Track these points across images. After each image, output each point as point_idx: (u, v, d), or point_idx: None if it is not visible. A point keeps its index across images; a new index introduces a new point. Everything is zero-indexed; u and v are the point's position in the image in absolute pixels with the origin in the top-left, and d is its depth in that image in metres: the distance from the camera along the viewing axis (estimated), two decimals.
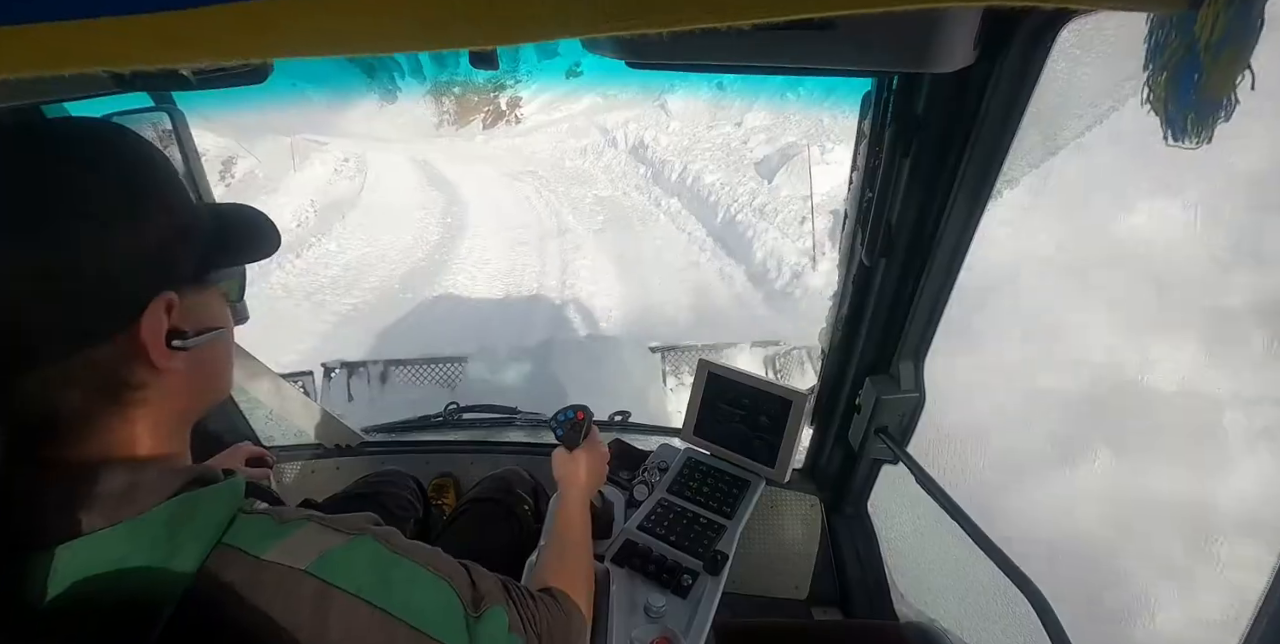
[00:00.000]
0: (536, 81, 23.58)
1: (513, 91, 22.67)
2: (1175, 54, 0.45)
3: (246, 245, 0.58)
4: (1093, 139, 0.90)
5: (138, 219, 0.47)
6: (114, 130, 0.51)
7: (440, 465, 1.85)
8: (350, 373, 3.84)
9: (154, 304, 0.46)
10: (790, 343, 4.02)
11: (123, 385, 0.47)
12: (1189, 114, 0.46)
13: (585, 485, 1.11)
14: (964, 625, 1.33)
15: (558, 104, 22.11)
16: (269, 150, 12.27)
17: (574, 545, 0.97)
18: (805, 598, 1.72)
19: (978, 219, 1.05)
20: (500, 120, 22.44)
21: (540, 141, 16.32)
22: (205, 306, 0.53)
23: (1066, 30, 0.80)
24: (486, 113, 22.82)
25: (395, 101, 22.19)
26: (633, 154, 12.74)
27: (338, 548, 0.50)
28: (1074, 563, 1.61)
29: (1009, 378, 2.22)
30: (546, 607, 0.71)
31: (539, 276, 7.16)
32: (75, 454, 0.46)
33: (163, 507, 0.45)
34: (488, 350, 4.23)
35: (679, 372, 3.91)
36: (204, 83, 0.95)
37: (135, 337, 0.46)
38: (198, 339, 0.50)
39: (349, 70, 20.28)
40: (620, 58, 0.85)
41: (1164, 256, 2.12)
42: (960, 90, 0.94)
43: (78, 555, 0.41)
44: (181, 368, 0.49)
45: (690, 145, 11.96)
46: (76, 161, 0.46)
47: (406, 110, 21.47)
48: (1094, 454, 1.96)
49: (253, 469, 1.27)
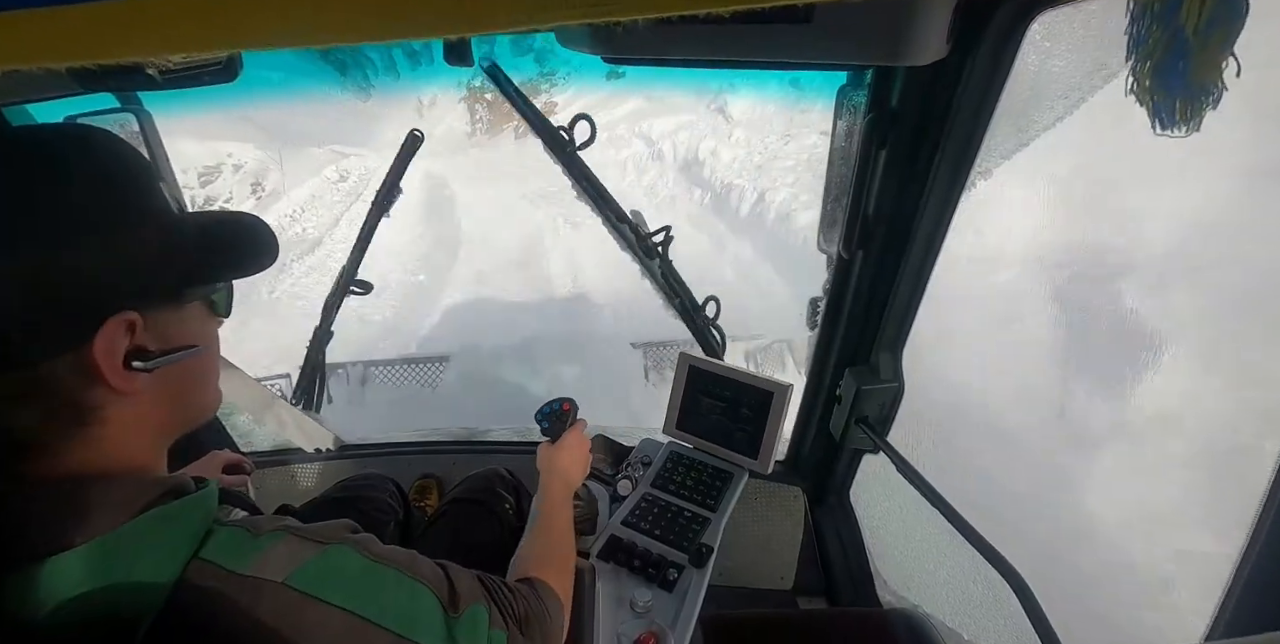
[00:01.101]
0: (574, 84, 21.53)
1: (548, 96, 20.61)
2: (1159, 43, 0.45)
3: (235, 260, 0.55)
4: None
5: (113, 233, 0.45)
6: (100, 139, 0.48)
7: (422, 466, 1.84)
8: (329, 375, 3.78)
9: (110, 324, 0.44)
10: (769, 336, 4.05)
11: (78, 407, 0.45)
12: (1176, 101, 0.46)
13: (568, 475, 1.11)
14: (947, 610, 1.36)
15: (596, 110, 20.33)
16: (299, 161, 11.56)
17: (555, 534, 0.97)
18: (790, 588, 1.74)
19: (953, 210, 1.06)
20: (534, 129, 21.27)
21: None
22: (180, 324, 0.51)
23: (1037, 23, 0.81)
24: (519, 121, 21.73)
25: (369, 99, 21.33)
26: (684, 172, 10.00)
27: (314, 559, 0.50)
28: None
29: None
30: (524, 597, 0.71)
31: (523, 277, 7.07)
32: (44, 471, 0.44)
33: (135, 522, 0.44)
34: (468, 350, 4.18)
35: (660, 367, 3.93)
36: (171, 82, 0.93)
37: (87, 356, 0.43)
38: (164, 359, 0.48)
39: (320, 67, 19.68)
40: (595, 52, 0.85)
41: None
42: (934, 83, 0.95)
43: (51, 574, 0.40)
44: (147, 389, 0.47)
45: (765, 163, 9.11)
46: (39, 169, 0.43)
47: (441, 118, 19.86)
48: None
49: (230, 477, 1.24)
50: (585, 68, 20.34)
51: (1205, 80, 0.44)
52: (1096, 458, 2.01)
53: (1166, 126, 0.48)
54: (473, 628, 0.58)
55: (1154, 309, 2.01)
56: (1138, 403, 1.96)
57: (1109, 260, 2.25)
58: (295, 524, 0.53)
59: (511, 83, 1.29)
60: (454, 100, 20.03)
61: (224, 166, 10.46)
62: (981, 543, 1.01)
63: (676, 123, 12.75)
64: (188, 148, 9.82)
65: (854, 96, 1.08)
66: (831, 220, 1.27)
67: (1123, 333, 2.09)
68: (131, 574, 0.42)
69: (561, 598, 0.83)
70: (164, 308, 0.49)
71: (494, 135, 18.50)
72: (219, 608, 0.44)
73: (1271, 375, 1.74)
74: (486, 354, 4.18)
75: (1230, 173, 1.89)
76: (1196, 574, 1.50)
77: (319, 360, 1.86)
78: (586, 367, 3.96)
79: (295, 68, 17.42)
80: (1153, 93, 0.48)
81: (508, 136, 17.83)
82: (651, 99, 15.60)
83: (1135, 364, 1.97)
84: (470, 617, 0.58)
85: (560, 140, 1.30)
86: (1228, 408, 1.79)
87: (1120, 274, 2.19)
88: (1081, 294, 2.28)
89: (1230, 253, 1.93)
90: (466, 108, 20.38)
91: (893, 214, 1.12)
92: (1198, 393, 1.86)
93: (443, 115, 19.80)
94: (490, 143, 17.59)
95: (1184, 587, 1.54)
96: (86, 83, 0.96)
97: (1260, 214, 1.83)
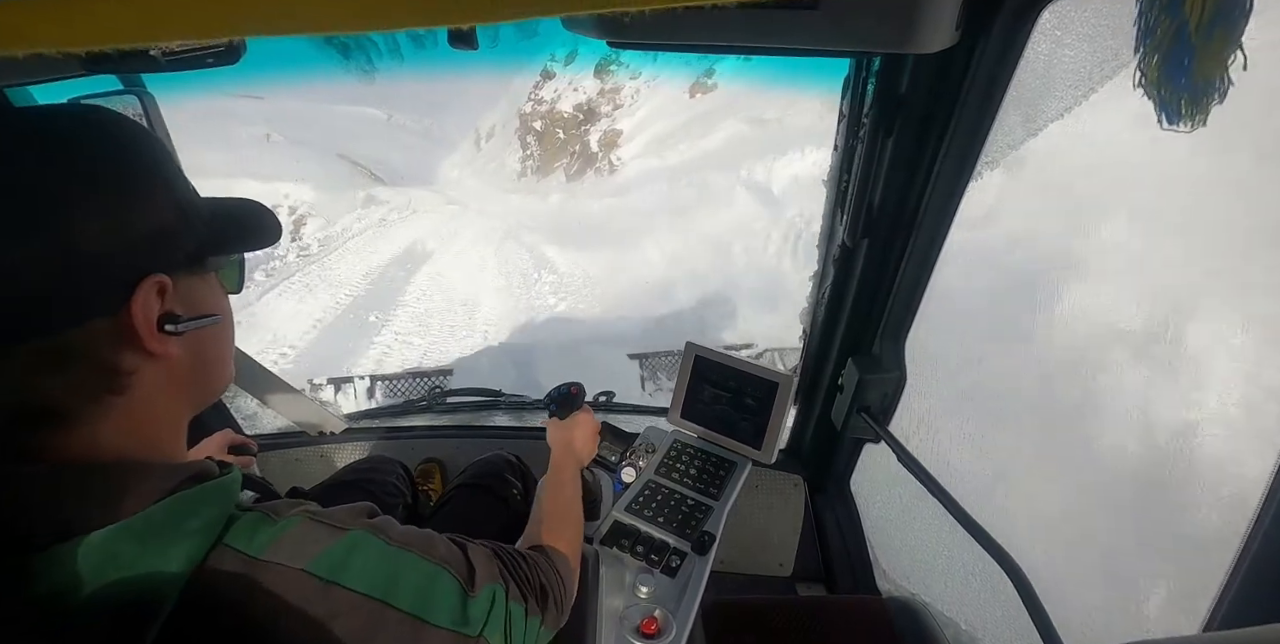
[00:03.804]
0: (658, 88, 15.40)
1: (609, 122, 15.31)
2: (1166, 36, 0.45)
3: (245, 234, 0.57)
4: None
5: (134, 198, 0.46)
6: (110, 113, 0.49)
7: (425, 451, 1.85)
8: (337, 389, 3.97)
9: (144, 285, 0.45)
10: (761, 345, 4.16)
11: (113, 370, 0.45)
12: (1183, 96, 0.46)
13: (577, 449, 1.15)
14: (945, 599, 1.37)
15: (674, 140, 14.11)
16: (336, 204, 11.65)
17: (566, 504, 1.00)
18: (790, 575, 1.75)
19: (959, 199, 1.06)
20: (589, 167, 15.54)
21: (634, 202, 11.25)
22: (202, 293, 0.52)
23: (1048, 11, 0.80)
24: (572, 156, 16.24)
25: (373, 82, 20.58)
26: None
27: (334, 544, 0.51)
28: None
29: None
30: (536, 563, 0.74)
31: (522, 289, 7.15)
32: (65, 447, 0.45)
33: (160, 505, 0.44)
34: (469, 362, 4.31)
35: (656, 377, 4.06)
36: (173, 64, 0.92)
37: (126, 319, 0.44)
38: (193, 323, 0.49)
39: (324, 50, 19.28)
40: (601, 37, 0.84)
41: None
42: (942, 71, 0.94)
43: (77, 554, 0.40)
44: (176, 354, 0.48)
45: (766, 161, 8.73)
46: (75, 140, 0.45)
47: (496, 155, 17.29)
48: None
49: (236, 457, 1.26)
50: (669, 63, 15.98)
51: (1210, 75, 0.43)
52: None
53: (1172, 121, 0.48)
54: (489, 604, 0.60)
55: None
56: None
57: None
58: (314, 509, 0.53)
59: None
60: (512, 133, 17.91)
61: (281, 206, 10.79)
62: (981, 534, 1.02)
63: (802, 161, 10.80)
64: (248, 189, 9.88)
65: (861, 84, 1.07)
66: (835, 208, 1.26)
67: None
68: (155, 558, 0.42)
69: (574, 566, 0.86)
70: (187, 275, 0.50)
71: (544, 176, 16.05)
72: (240, 592, 0.45)
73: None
74: (486, 367, 4.26)
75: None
76: (1194, 564, 1.51)
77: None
78: (584, 377, 4.02)
79: (298, 51, 17.04)
80: (1159, 86, 0.47)
81: (558, 178, 15.57)
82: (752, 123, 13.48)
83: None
84: (487, 594, 0.60)
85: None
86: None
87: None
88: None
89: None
90: (518, 140, 17.49)
91: (898, 203, 1.12)
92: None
93: (498, 150, 17.84)
94: (540, 185, 15.37)
95: (1181, 575, 1.54)
96: (91, 64, 0.95)
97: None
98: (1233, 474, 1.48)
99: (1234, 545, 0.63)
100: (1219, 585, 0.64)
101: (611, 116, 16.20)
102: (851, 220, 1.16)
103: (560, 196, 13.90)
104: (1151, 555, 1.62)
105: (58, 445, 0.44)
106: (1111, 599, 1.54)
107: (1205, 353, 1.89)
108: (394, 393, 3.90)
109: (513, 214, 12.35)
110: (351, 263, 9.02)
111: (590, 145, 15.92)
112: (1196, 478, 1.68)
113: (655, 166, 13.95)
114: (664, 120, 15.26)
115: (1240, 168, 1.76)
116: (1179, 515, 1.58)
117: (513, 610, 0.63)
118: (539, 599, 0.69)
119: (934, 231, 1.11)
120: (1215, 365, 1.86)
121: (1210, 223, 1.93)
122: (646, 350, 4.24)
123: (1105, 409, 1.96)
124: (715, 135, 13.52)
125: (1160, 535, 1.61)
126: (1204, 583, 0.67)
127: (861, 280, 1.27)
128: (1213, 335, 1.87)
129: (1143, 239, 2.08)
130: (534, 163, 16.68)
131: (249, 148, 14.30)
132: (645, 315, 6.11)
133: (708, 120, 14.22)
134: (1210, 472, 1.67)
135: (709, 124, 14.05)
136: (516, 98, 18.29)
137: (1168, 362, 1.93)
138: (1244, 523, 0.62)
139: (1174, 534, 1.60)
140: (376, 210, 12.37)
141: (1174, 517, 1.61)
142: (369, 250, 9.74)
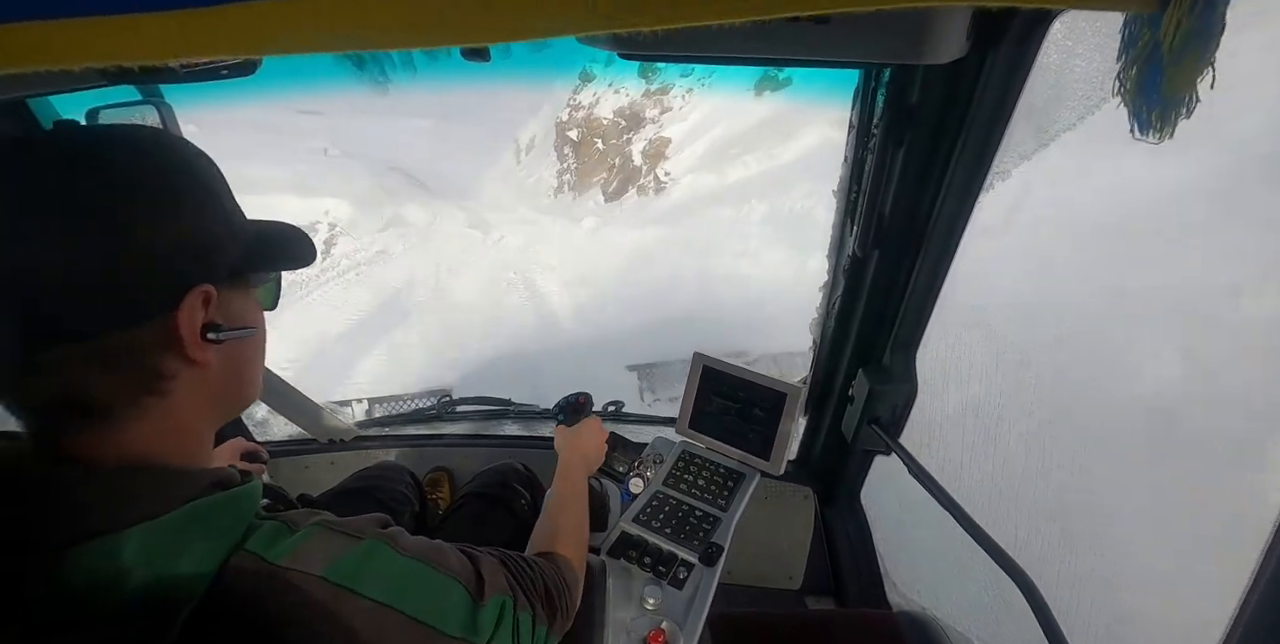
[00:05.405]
0: (708, 100, 13.01)
1: (655, 129, 12.58)
2: (1145, 49, 0.46)
3: (284, 253, 0.60)
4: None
5: (186, 209, 0.48)
6: (170, 136, 0.53)
7: (434, 459, 1.85)
8: (337, 411, 3.97)
9: (192, 294, 0.48)
10: (755, 353, 4.14)
11: (153, 373, 0.48)
12: (1154, 110, 0.47)
13: (586, 455, 1.17)
14: (956, 614, 1.35)
15: (738, 151, 11.74)
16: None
17: (573, 511, 1.01)
18: (799, 588, 1.74)
19: (970, 210, 1.05)
20: (631, 184, 12.81)
21: (686, 234, 9.41)
22: (241, 306, 0.55)
23: (1059, 22, 0.80)
24: (611, 170, 13.53)
25: (387, 93, 20.49)
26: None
27: (349, 553, 0.53)
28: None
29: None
30: (543, 570, 0.76)
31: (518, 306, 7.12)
32: (99, 447, 0.47)
33: (185, 509, 0.46)
34: (468, 380, 4.34)
35: (654, 388, 4.05)
36: (191, 76, 0.94)
37: (171, 324, 0.47)
38: (233, 333, 0.52)
39: (339, 62, 19.47)
40: (613, 49, 0.85)
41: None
42: (953, 82, 0.94)
43: (99, 555, 0.42)
44: (213, 362, 0.51)
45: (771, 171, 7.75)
46: (134, 151, 0.48)
47: (535, 168, 15.14)
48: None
49: (247, 464, 1.26)
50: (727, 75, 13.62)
51: (1179, 92, 0.45)
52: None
53: (1143, 131, 0.49)
54: (498, 613, 0.63)
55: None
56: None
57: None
58: (330, 518, 0.56)
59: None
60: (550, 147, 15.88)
61: (320, 225, 10.58)
62: (993, 546, 1.00)
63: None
64: (287, 205, 9.65)
65: (871, 95, 1.07)
66: (846, 219, 1.26)
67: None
68: (177, 561, 0.44)
69: (579, 572, 0.87)
70: (229, 288, 0.52)
71: (580, 193, 14.24)
72: (258, 597, 0.47)
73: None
74: (489, 382, 4.28)
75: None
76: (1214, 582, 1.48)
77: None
78: (584, 390, 4.04)
79: (312, 62, 17.10)
80: (1134, 96, 0.48)
81: (594, 196, 13.62)
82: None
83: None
84: (495, 604, 0.63)
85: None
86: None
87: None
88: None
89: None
90: (555, 151, 15.65)
91: (909, 213, 1.11)
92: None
93: (537, 163, 15.80)
94: (575, 206, 13.56)
95: (1199, 590, 1.52)
96: (112, 76, 0.98)
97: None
98: (1254, 491, 1.46)
99: (1252, 560, 0.62)
100: (1236, 603, 0.63)
101: (658, 122, 13.68)
102: (862, 231, 1.16)
103: (594, 221, 11.54)
104: (1171, 572, 1.60)
105: (93, 444, 0.47)
106: (1128, 614, 1.51)
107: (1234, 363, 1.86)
108: (401, 407, 3.93)
109: (533, 245, 10.51)
110: (364, 283, 8.96)
111: (632, 157, 13.42)
112: (1219, 494, 1.66)
113: (713, 185, 11.42)
114: (722, 125, 12.45)
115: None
116: (1200, 532, 1.55)
117: (520, 619, 0.66)
118: (545, 606, 0.72)
119: (945, 242, 1.10)
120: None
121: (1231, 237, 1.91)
122: (644, 362, 4.26)
123: (1126, 421, 1.94)
124: (794, 143, 11.15)
125: (1181, 552, 1.59)
126: (1221, 603, 0.66)
127: (872, 291, 1.27)
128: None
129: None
130: (570, 178, 14.41)
131: (304, 163, 13.84)
132: (648, 325, 6.08)
133: (781, 125, 11.58)
134: (1231, 486, 1.64)
135: (785, 130, 11.47)
136: (558, 105, 16.27)
137: (1200, 373, 1.90)
138: (1262, 541, 0.60)
139: (1195, 551, 1.58)
140: (396, 231, 11.49)
141: (1195, 532, 1.59)
142: (376, 275, 9.52)
